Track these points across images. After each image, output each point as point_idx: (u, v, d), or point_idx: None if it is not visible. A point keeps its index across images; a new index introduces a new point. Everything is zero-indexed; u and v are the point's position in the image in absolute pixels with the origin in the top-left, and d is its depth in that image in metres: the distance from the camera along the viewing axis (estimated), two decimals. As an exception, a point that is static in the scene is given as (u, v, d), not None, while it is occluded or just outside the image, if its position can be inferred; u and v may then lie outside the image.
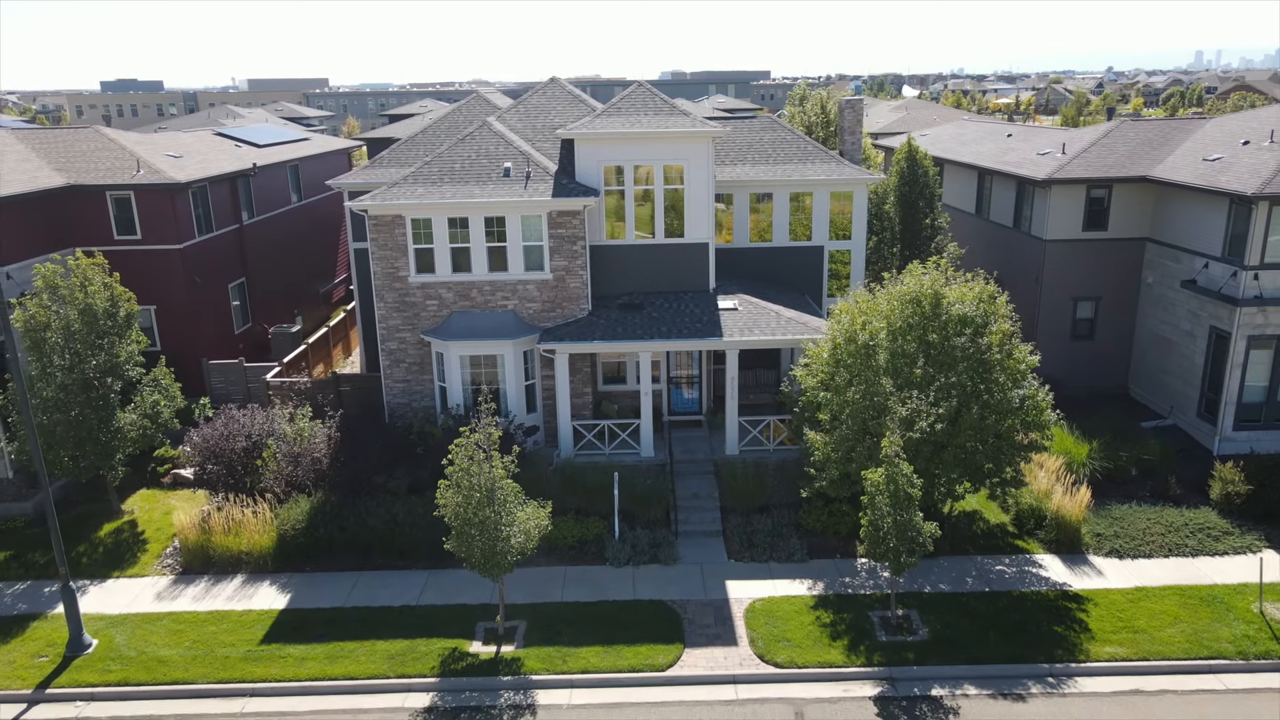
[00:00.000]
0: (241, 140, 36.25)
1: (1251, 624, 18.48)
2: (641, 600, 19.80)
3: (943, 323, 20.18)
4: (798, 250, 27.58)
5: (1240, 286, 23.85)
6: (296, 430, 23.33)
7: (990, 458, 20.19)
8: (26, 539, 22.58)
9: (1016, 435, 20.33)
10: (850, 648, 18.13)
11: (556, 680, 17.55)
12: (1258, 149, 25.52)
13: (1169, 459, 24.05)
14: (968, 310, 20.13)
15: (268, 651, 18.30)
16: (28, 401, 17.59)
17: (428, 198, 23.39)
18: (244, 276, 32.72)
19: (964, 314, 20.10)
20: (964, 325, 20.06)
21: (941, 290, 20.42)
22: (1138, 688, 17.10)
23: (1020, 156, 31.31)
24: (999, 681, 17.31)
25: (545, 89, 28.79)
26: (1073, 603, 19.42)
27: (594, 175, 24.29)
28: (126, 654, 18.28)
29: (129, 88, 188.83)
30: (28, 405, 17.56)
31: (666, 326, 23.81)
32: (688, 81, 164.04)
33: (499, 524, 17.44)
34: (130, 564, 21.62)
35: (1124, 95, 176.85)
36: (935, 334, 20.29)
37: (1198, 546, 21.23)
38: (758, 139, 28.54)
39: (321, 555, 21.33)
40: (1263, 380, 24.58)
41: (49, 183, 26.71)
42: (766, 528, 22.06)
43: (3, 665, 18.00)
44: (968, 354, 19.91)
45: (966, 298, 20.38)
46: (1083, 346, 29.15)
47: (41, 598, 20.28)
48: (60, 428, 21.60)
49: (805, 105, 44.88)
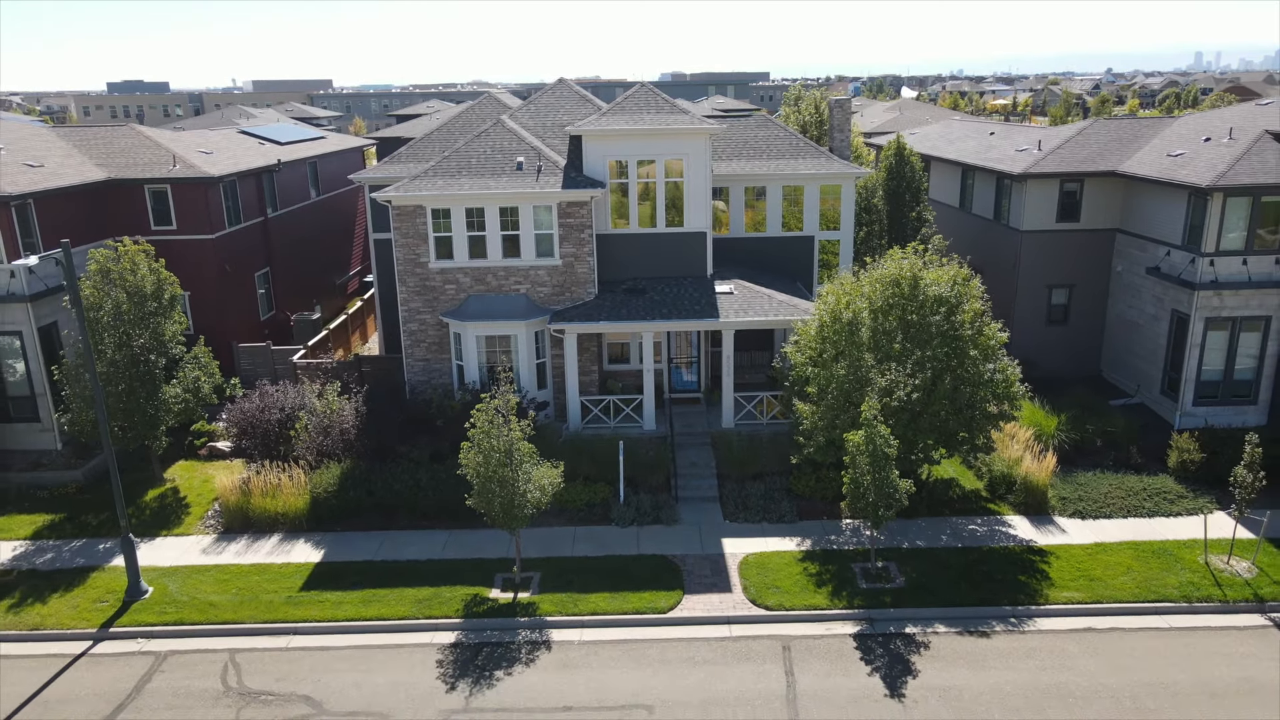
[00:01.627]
0: (265, 138, 38.21)
1: (1197, 573, 20.42)
2: (645, 555, 21.74)
3: (920, 302, 22.15)
4: (790, 240, 29.54)
5: (1198, 272, 25.80)
6: (326, 404, 25.27)
7: (963, 426, 22.15)
8: (78, 503, 24.51)
9: (988, 405, 22.27)
10: (834, 593, 20.06)
11: (568, 621, 19.48)
12: (1217, 145, 27.47)
13: (1132, 432, 25.98)
14: (943, 291, 22.09)
15: (307, 597, 20.24)
16: (95, 372, 19.47)
17: (447, 189, 25.34)
18: (268, 266, 34.68)
19: (939, 294, 22.06)
20: (939, 304, 22.02)
21: (919, 273, 22.39)
22: (1090, 626, 19.04)
23: (1000, 153, 33.28)
24: (966, 621, 19.25)
25: (554, 89, 30.77)
26: (1036, 556, 21.36)
27: (600, 169, 26.24)
28: (179, 599, 20.24)
29: (135, 89, 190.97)
30: (95, 376, 19.45)
31: (667, 309, 25.76)
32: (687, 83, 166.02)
33: (516, 480, 19.37)
34: (175, 524, 23.57)
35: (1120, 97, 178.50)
36: (913, 313, 22.26)
37: (1154, 508, 23.19)
38: (753, 136, 30.50)
39: (351, 517, 23.28)
40: (1219, 359, 26.50)
41: (92, 176, 28.70)
42: (759, 492, 24.00)
43: (69, 608, 19.94)
44: (942, 330, 21.86)
45: (942, 280, 22.34)
46: (1057, 331, 31.12)
47: (97, 553, 22.22)
48: (110, 400, 23.52)
49: (800, 105, 46.76)
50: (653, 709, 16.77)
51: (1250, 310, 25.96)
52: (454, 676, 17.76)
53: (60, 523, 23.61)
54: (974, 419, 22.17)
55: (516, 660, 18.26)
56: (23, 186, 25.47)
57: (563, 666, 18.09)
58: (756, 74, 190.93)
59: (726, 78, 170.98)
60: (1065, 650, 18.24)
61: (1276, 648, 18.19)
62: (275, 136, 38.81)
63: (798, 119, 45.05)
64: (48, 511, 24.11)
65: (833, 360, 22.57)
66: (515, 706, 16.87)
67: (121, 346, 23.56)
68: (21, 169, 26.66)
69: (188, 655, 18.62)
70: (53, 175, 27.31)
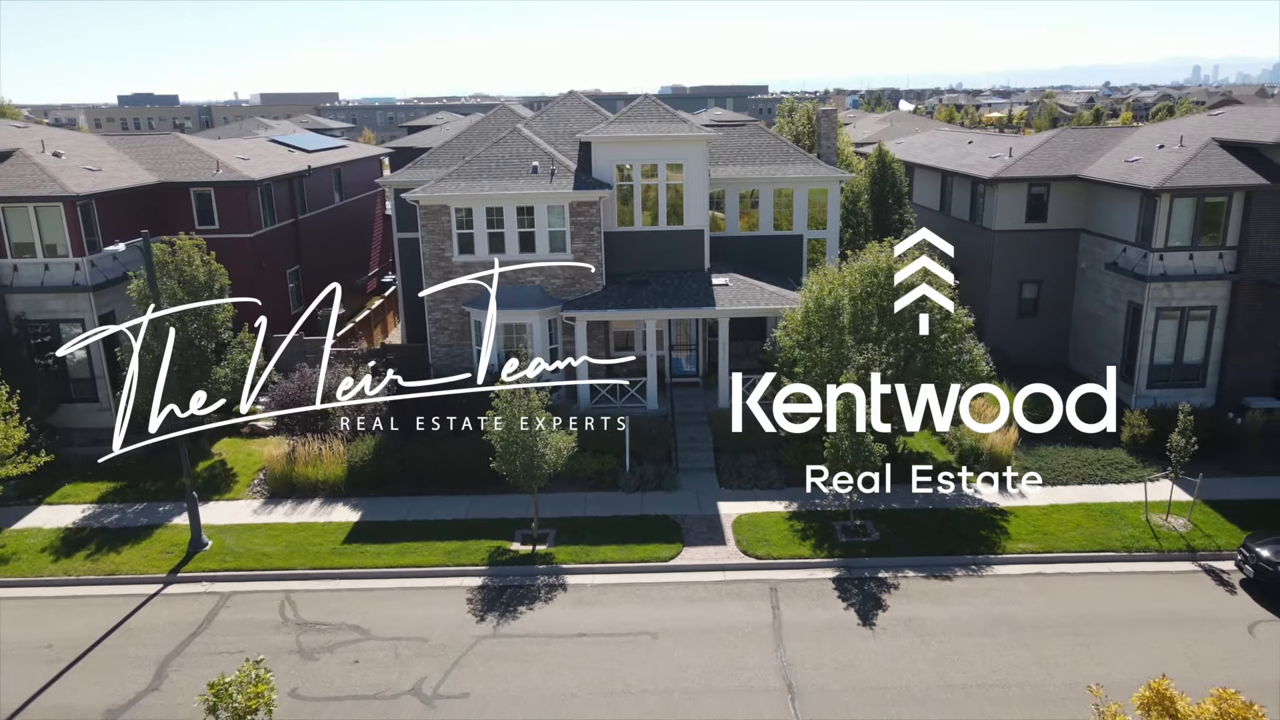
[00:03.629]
0: (294, 146, 41.00)
1: (1138, 529, 23.03)
2: (649, 515, 24.35)
3: (894, 289, 24.80)
4: (781, 238, 32.24)
5: (1149, 266, 28.46)
6: (360, 384, 27.85)
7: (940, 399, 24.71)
8: (137, 473, 27.10)
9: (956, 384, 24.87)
10: (816, 545, 22.67)
11: (581, 569, 22.07)
12: (1169, 152, 30.19)
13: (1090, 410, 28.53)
14: (913, 280, 24.72)
15: (349, 549, 22.85)
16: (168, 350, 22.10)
17: (469, 190, 28.06)
18: (298, 264, 37.40)
19: (910, 283, 24.70)
20: (909, 291, 24.64)
21: (894, 263, 25.05)
22: (1040, 571, 21.66)
23: (975, 160, 36.03)
24: (932, 567, 21.85)
25: (564, 100, 33.55)
26: (997, 515, 23.99)
27: (607, 172, 28.97)
28: (236, 550, 22.85)
29: (145, 101, 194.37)
30: (168, 353, 22.08)
31: (668, 299, 28.43)
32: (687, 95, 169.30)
33: (535, 443, 22.00)
34: (226, 490, 26.21)
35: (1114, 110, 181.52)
36: (888, 300, 24.90)
37: (1106, 476, 25.82)
38: (747, 143, 33.25)
39: (384, 484, 25.88)
40: (1170, 346, 29.13)
41: (145, 180, 31.44)
42: (751, 464, 26.61)
43: (140, 557, 22.56)
44: (912, 315, 24.49)
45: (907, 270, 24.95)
46: (1028, 323, 33.78)
47: (158, 514, 24.85)
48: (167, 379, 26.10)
49: (794, 116, 49.74)
50: (656, 635, 19.35)
51: (1197, 301, 28.63)
52: (482, 611, 20.36)
53: (122, 489, 26.24)
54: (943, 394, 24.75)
55: (536, 599, 20.86)
56: (87, 188, 28.17)
57: (577, 604, 20.69)
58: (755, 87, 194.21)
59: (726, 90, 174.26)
60: (1017, 590, 20.85)
61: (1201, 588, 20.80)
62: (303, 145, 41.61)
63: (791, 129, 47.94)
64: (109, 480, 26.71)
65: (817, 343, 25.20)
66: (537, 633, 19.46)
67: (177, 331, 26.13)
68: (83, 173, 29.37)
69: (248, 595, 21.24)
70: (110, 178, 30.03)
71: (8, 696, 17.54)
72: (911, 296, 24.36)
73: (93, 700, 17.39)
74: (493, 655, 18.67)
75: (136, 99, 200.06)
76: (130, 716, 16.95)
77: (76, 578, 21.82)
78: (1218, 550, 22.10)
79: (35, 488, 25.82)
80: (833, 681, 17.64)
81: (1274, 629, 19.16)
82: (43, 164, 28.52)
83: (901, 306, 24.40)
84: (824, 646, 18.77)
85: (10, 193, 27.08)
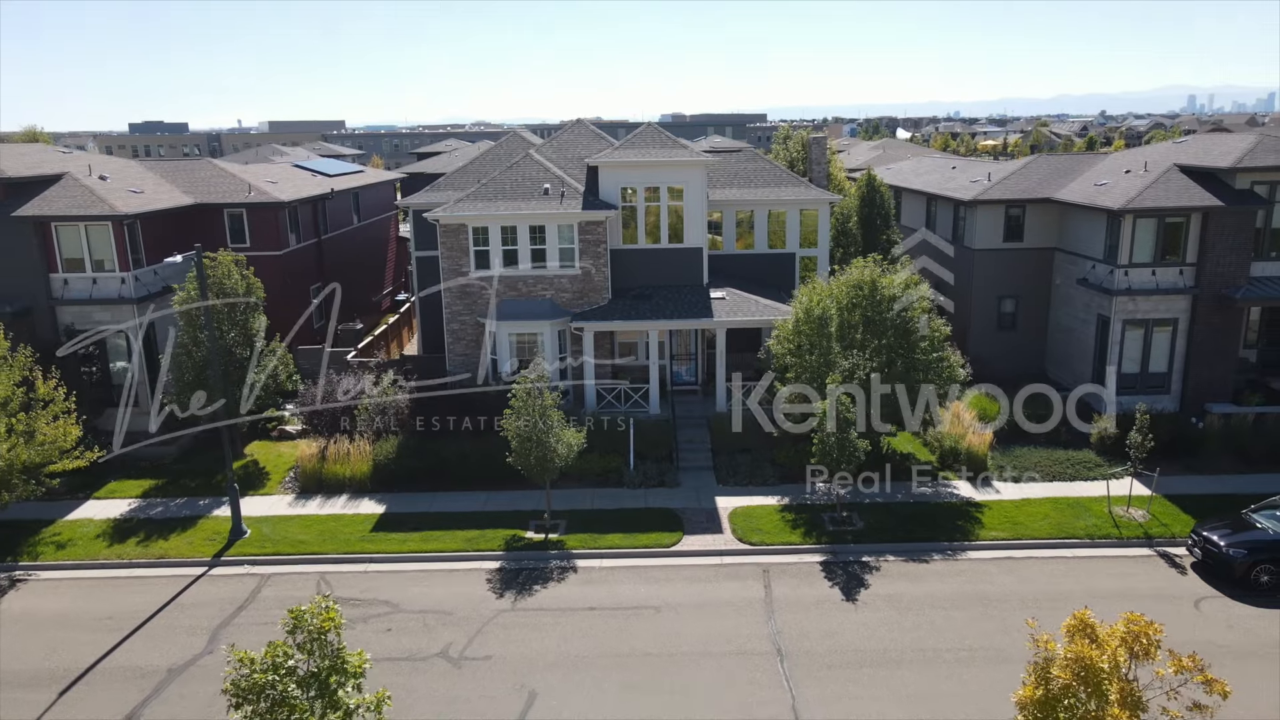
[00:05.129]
0: (316, 171, 43.45)
1: (1101, 519, 25.08)
2: (652, 508, 26.41)
3: (877, 301, 27.04)
4: (774, 256, 34.52)
5: (1115, 281, 30.70)
6: (382, 390, 30.08)
7: (913, 402, 26.91)
8: (176, 472, 29.25)
9: (934, 388, 27.04)
10: (805, 534, 24.72)
11: (591, 553, 24.11)
12: (1134, 176, 32.51)
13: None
14: (895, 292, 26.99)
15: (376, 536, 24.90)
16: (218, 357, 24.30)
17: (486, 210, 30.38)
18: (321, 281, 39.67)
19: (892, 294, 26.96)
20: (892, 302, 26.91)
21: (877, 277, 27.31)
22: (1010, 556, 23.71)
23: (957, 184, 38.40)
24: (911, 552, 23.90)
25: (573, 128, 35.98)
26: (973, 508, 26.04)
27: (613, 194, 31.30)
28: (274, 537, 24.91)
29: (155, 129, 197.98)
30: (218, 359, 24.29)
31: (670, 311, 30.64)
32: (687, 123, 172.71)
33: (548, 438, 24.12)
34: (260, 487, 28.30)
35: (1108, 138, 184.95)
36: (872, 310, 27.13)
37: (1075, 473, 27.89)
38: (743, 168, 35.63)
39: (406, 480, 27.97)
40: (1136, 355, 31.30)
41: (183, 201, 33.80)
42: (747, 462, 28.71)
43: (185, 544, 24.61)
44: (894, 324, 26.72)
45: (895, 282, 27.24)
46: (1007, 335, 36.00)
47: (199, 507, 26.93)
48: (206, 382, 28.28)
49: (788, 143, 52.22)
50: (659, 609, 21.38)
51: (1160, 314, 30.84)
52: (501, 589, 22.40)
53: (163, 485, 28.34)
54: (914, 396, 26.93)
55: (550, 579, 22.90)
56: (133, 208, 30.47)
57: (586, 583, 22.73)
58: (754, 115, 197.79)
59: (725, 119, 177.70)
60: (987, 571, 22.89)
61: (1155, 570, 22.85)
62: (324, 170, 44.06)
63: (786, 155, 50.43)
64: (150, 478, 28.84)
65: (808, 350, 27.38)
66: (551, 607, 21.50)
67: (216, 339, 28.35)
68: (128, 194, 31.69)
69: (286, 575, 23.28)
70: (152, 200, 32.35)
71: (80, 658, 19.58)
72: (899, 305, 26.64)
73: (156, 661, 19.42)
74: (511, 625, 20.71)
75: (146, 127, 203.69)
76: (189, 674, 18.97)
77: (129, 561, 23.88)
78: (1172, 537, 24.16)
79: (83, 484, 27.90)
80: (817, 646, 19.66)
81: (1218, 603, 21.20)
82: (91, 186, 30.86)
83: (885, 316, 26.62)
84: (810, 618, 20.80)
85: (64, 212, 29.39)
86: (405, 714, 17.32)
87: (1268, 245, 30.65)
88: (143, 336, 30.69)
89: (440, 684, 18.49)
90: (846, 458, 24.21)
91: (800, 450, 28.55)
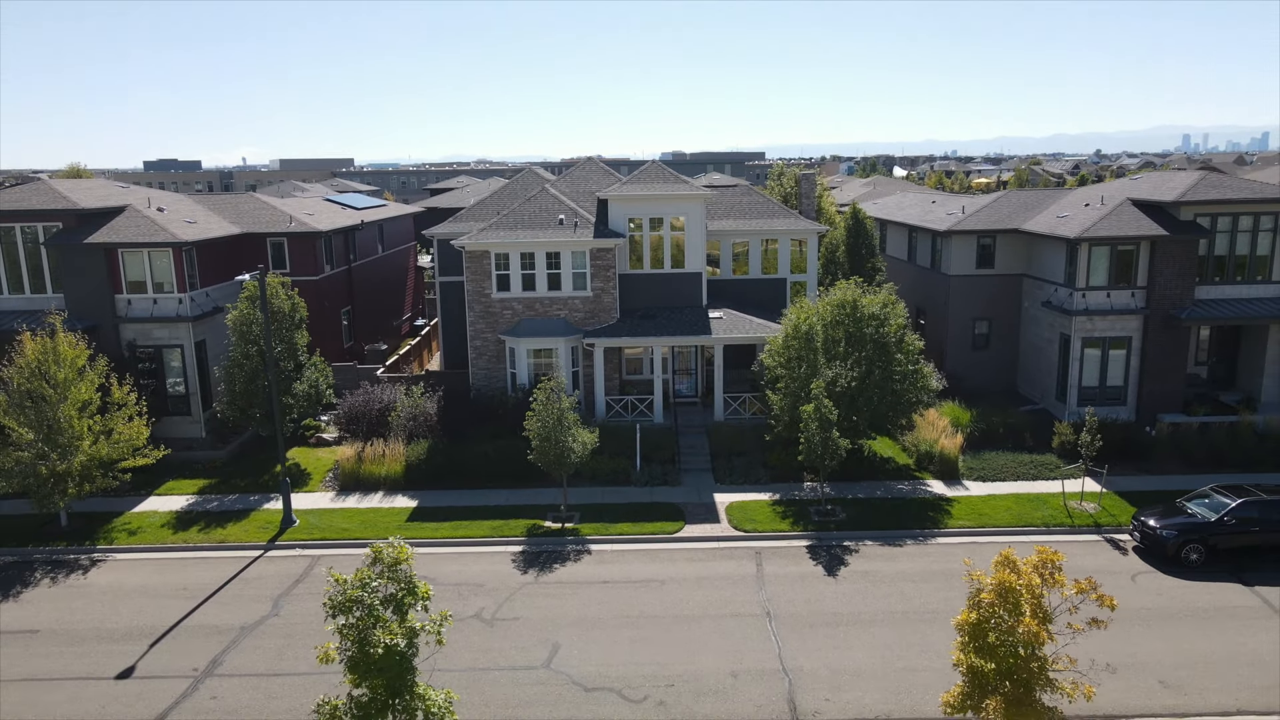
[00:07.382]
0: (345, 204, 47.02)
1: (1057, 511, 28.19)
2: (657, 502, 29.51)
3: (858, 318, 30.34)
4: (767, 281, 37.90)
5: (1074, 302, 34.04)
6: (413, 400, 33.30)
7: (890, 408, 30.12)
8: (225, 472, 32.37)
9: (908, 395, 30.27)
10: (794, 523, 27.80)
11: (603, 539, 27.18)
12: (1092, 209, 35.99)
13: (1028, 425, 33.91)
14: (874, 310, 30.31)
15: (412, 525, 27.97)
16: (275, 368, 27.53)
17: (507, 238, 33.81)
18: (350, 305, 43.05)
19: (872, 312, 30.28)
20: (871, 319, 30.21)
21: (858, 297, 30.65)
22: (974, 541, 26.78)
23: (935, 216, 41.91)
24: (887, 538, 26.97)
25: (584, 164, 39.59)
26: (944, 502, 29.14)
27: (621, 224, 34.75)
28: (320, 526, 28.00)
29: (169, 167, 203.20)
30: (274, 372, 27.52)
31: (672, 329, 33.95)
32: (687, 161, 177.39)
33: (565, 437, 27.29)
34: (303, 485, 31.41)
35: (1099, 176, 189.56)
36: (853, 326, 30.43)
37: (1037, 474, 31.01)
38: (738, 201, 39.14)
39: (435, 479, 31.07)
40: (1095, 370, 34.55)
41: (232, 230, 37.29)
42: (742, 464, 31.86)
43: (242, 531, 27.71)
44: (873, 338, 30.01)
45: (874, 302, 30.58)
46: (981, 355, 39.27)
47: (250, 501, 30.03)
48: (254, 393, 31.52)
49: (783, 179, 55.93)
50: (664, 583, 24.43)
51: (1115, 332, 34.15)
52: (524, 566, 25.46)
53: (216, 484, 31.46)
54: (899, 404, 30.16)
55: (567, 559, 25.97)
56: (191, 236, 33.90)
57: (599, 562, 25.80)
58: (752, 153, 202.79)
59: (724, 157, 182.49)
60: (953, 553, 25.95)
61: (1100, 551, 25.93)
62: (353, 203, 47.66)
63: (780, 190, 54.10)
64: (203, 478, 31.96)
65: (796, 363, 30.63)
66: (569, 581, 24.55)
67: (264, 353, 31.64)
68: (184, 224, 35.15)
69: (334, 557, 26.32)
70: (206, 229, 35.82)
71: (164, 618, 22.63)
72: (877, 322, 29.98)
73: (229, 621, 22.47)
74: (535, 594, 23.77)
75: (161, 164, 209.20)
76: (259, 630, 22.01)
77: (194, 545, 26.95)
78: (1119, 526, 27.25)
79: (144, 482, 31.00)
80: (801, 609, 22.70)
81: (1151, 577, 24.27)
82: (152, 217, 34.33)
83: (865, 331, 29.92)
84: (796, 589, 23.86)
85: (131, 240, 32.81)
86: (451, 659, 20.33)
87: (1211, 270, 34.05)
88: (196, 352, 33.95)
89: (477, 638, 21.54)
90: (829, 455, 27.35)
91: (790, 454, 31.63)
